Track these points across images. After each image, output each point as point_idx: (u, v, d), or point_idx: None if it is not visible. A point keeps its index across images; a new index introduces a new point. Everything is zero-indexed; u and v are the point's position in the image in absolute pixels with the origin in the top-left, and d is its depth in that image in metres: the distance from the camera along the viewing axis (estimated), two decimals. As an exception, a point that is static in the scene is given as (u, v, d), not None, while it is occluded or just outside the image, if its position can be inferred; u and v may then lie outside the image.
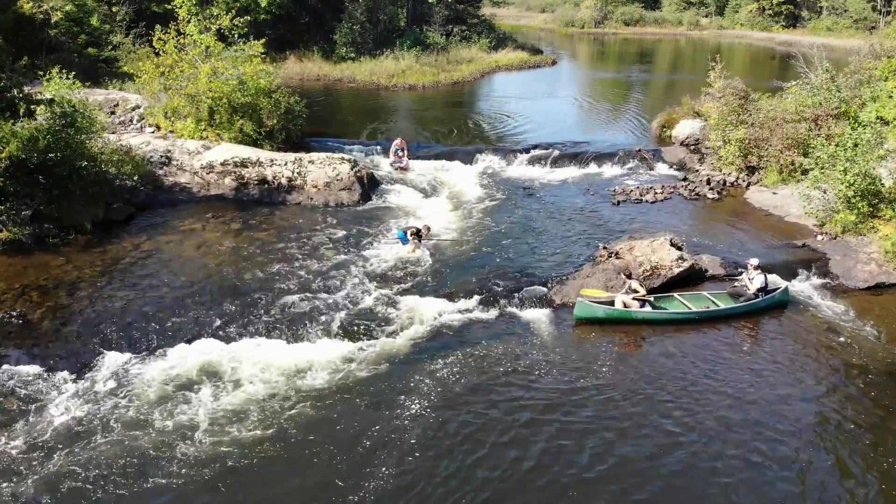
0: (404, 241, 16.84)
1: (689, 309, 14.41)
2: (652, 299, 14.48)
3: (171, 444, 10.13)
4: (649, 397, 11.66)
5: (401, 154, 23.93)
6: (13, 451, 9.90)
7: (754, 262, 15.00)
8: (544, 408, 11.28)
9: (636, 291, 14.23)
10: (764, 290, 14.62)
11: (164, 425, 10.50)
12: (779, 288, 14.93)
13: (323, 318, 13.58)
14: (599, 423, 10.95)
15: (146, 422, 10.57)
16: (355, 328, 13.34)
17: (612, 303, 14.22)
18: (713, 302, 14.69)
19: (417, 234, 16.80)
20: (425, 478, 9.70)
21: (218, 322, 13.35)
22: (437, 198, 21.24)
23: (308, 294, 14.43)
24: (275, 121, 23.28)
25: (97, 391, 11.28)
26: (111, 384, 11.47)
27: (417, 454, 10.13)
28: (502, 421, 10.93)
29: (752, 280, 14.72)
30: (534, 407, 11.30)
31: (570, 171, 24.37)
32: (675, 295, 14.94)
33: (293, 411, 10.95)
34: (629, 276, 14.60)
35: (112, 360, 12.08)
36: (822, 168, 18.63)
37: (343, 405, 11.18)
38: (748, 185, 22.50)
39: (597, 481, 9.77)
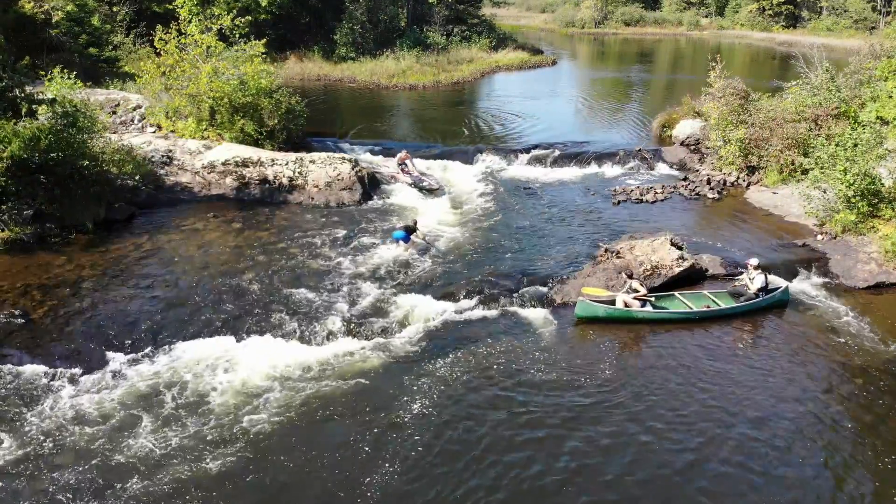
0: (405, 239, 16.88)
1: (690, 308, 14.45)
2: (653, 299, 14.52)
3: (172, 441, 10.16)
4: (649, 396, 11.69)
5: (406, 168, 22.52)
6: (15, 451, 9.92)
7: (754, 262, 15.04)
8: (545, 407, 11.31)
9: (637, 291, 14.27)
10: (764, 289, 14.66)
11: (165, 423, 10.54)
12: (779, 287, 14.96)
13: (324, 317, 13.60)
14: (600, 423, 10.98)
15: (148, 419, 10.60)
16: (356, 328, 13.37)
17: (612, 302, 14.26)
18: (714, 301, 14.72)
19: (413, 230, 16.91)
20: (427, 479, 9.72)
21: (219, 322, 13.39)
22: (437, 198, 21.27)
23: (309, 294, 14.47)
24: (276, 121, 23.32)
25: (99, 390, 11.31)
26: (113, 383, 11.51)
27: (419, 453, 10.16)
28: (503, 420, 10.96)
29: (753, 280, 14.75)
30: (535, 406, 11.32)
31: (571, 171, 24.41)
32: (676, 294, 14.98)
33: (293, 411, 10.98)
34: (630, 276, 14.63)
35: (114, 359, 12.13)
36: (822, 168, 18.68)
37: (343, 406, 11.21)
38: (748, 184, 22.53)
39: (599, 480, 9.80)
